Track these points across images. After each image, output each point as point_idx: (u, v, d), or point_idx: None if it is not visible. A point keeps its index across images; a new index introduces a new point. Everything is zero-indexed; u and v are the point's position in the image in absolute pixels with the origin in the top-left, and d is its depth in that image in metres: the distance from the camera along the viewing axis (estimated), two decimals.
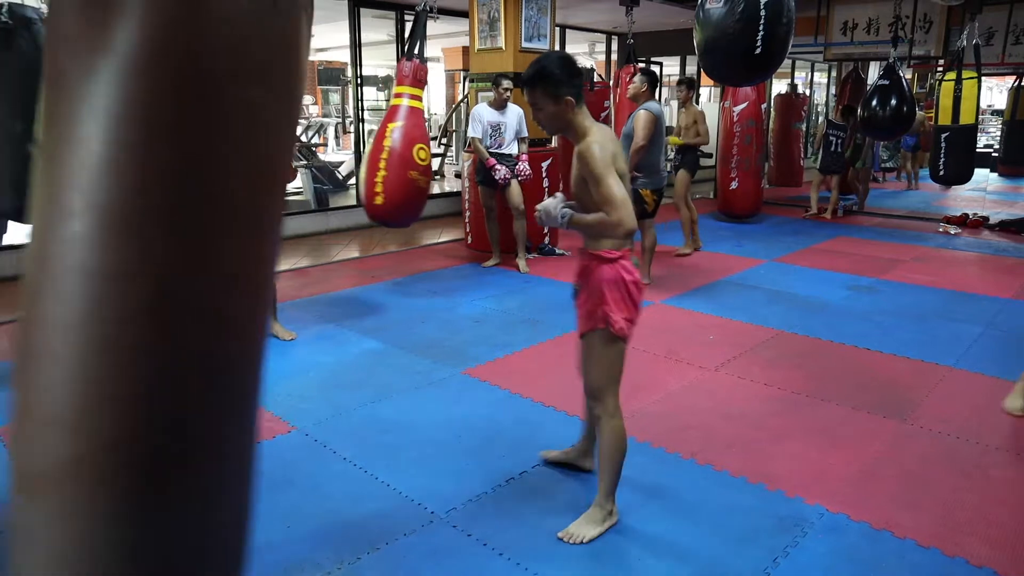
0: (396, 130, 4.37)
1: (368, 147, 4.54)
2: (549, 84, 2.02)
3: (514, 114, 5.40)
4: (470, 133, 5.51)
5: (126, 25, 0.93)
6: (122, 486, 1.04)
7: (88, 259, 0.98)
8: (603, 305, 2.04)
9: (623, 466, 2.15)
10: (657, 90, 4.90)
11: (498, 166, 5.29)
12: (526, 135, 5.50)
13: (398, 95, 4.54)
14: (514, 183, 5.35)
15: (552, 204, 2.09)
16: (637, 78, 4.86)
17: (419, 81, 4.58)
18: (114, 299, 0.99)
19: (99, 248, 0.98)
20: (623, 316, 2.05)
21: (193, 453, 1.11)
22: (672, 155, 6.34)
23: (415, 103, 4.54)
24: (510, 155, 5.40)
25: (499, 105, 5.39)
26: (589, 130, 2.04)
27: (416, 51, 4.59)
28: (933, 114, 7.31)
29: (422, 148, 4.42)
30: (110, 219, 0.97)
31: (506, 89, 5.34)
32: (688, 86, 6.01)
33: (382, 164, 4.31)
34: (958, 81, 6.52)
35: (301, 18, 1.10)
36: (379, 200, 4.33)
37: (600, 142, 2.00)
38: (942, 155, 6.74)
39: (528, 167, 5.46)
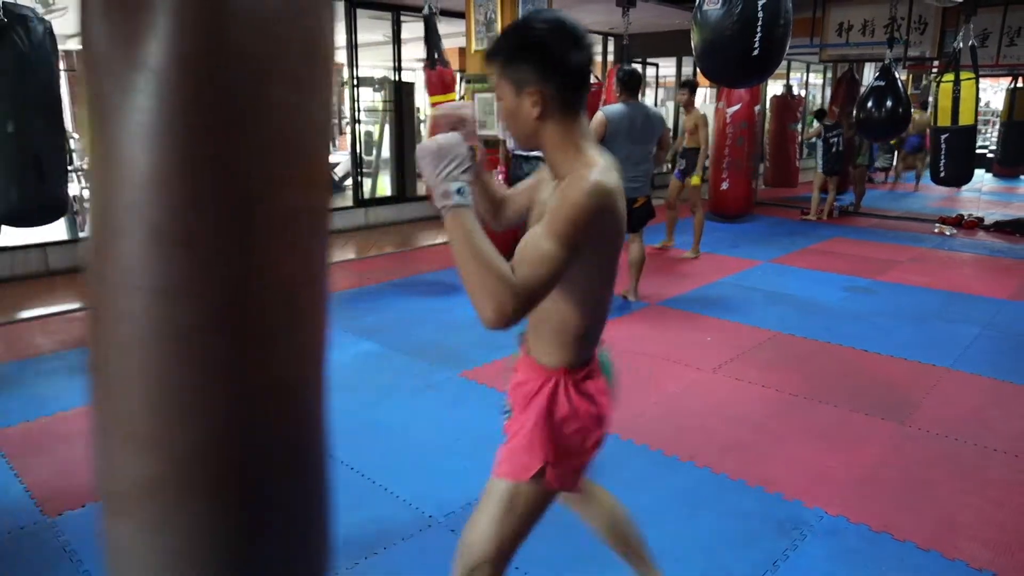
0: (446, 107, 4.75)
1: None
2: (511, 62, 1.17)
3: None
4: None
5: (157, 39, 0.92)
6: (200, 501, 1.05)
7: (143, 277, 0.98)
8: (530, 452, 1.31)
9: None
10: (637, 92, 4.58)
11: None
12: None
13: (435, 104, 4.79)
14: None
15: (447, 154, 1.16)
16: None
17: (448, 87, 4.85)
18: (173, 315, 0.99)
19: (152, 265, 0.98)
20: (563, 464, 1.31)
21: (268, 465, 1.11)
22: (678, 160, 6.31)
23: None
24: (541, 159, 5.29)
25: None
26: (592, 161, 1.21)
27: (436, 57, 4.81)
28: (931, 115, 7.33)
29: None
30: (160, 236, 0.97)
31: None
32: (691, 89, 5.92)
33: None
34: (956, 82, 6.52)
35: (324, 15, 1.08)
36: None
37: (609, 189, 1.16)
38: (942, 156, 6.75)
39: None
